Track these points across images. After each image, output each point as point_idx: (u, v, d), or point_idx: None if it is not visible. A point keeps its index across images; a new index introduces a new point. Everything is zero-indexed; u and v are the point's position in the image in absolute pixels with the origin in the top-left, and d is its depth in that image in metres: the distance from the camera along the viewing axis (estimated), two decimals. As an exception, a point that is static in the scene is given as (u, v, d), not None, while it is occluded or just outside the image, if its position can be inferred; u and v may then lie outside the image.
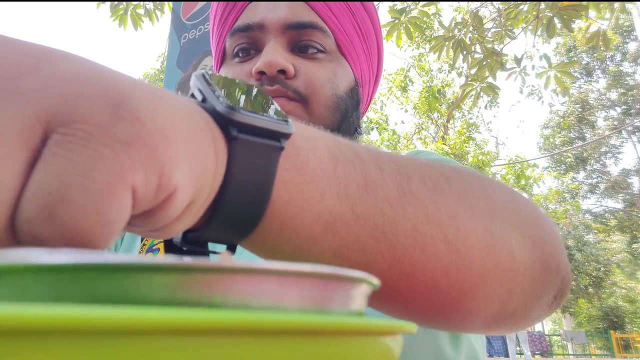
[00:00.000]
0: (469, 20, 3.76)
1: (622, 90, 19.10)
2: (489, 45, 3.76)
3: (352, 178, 0.24)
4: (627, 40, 18.57)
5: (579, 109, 19.21)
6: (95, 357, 0.09)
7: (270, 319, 0.11)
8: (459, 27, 3.75)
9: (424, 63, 13.93)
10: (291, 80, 0.50)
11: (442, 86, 13.69)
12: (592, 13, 3.47)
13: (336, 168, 0.24)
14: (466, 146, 12.54)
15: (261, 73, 0.49)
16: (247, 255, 0.44)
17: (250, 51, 0.53)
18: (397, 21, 3.50)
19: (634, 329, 17.68)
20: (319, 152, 0.24)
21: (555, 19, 3.08)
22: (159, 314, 0.09)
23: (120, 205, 0.15)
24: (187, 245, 0.22)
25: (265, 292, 0.13)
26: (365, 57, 0.57)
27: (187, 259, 0.12)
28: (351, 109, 0.54)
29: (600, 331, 17.88)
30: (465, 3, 5.36)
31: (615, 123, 18.98)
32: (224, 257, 0.16)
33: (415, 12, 3.64)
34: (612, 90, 19.52)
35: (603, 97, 19.56)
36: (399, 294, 0.26)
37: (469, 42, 3.67)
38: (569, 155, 18.91)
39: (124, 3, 3.70)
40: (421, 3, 3.95)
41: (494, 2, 4.51)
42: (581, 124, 19.18)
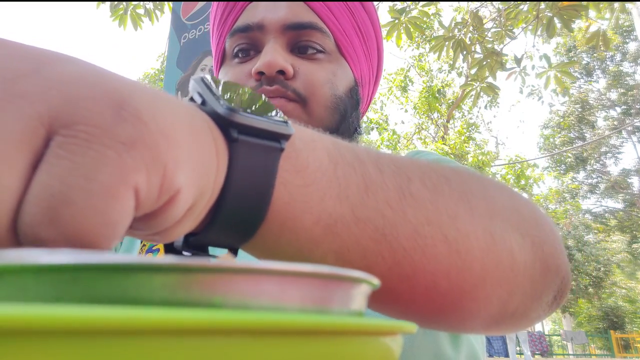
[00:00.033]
0: (469, 20, 3.76)
1: (622, 90, 19.09)
2: (489, 45, 3.76)
3: (352, 180, 0.24)
4: (627, 40, 18.56)
5: (579, 109, 19.21)
6: (95, 357, 0.09)
7: (270, 319, 0.11)
8: (459, 27, 3.75)
9: (424, 63, 13.93)
10: (290, 81, 0.50)
11: (442, 86, 13.69)
12: (592, 13, 3.47)
13: (336, 170, 0.24)
14: (466, 146, 12.54)
15: (260, 73, 0.49)
16: (247, 256, 0.44)
17: (249, 51, 0.53)
18: (397, 21, 3.50)
19: (634, 329, 17.68)
20: (319, 154, 0.24)
21: (555, 19, 3.08)
22: (159, 314, 0.09)
23: (123, 207, 0.15)
24: (189, 249, 0.22)
25: (265, 292, 0.13)
26: (365, 58, 0.57)
27: (187, 259, 0.12)
28: (350, 109, 0.54)
29: (600, 331, 17.87)
30: (465, 3, 5.36)
31: (615, 123, 18.97)
32: (223, 257, 0.16)
33: (415, 12, 3.64)
34: (612, 90, 19.51)
35: (603, 97, 19.56)
36: (400, 296, 0.26)
37: (469, 42, 3.67)
38: (569, 155, 18.91)
39: (124, 3, 3.70)
40: (421, 3, 3.95)
41: (494, 2, 4.51)
42: (581, 124, 19.17)
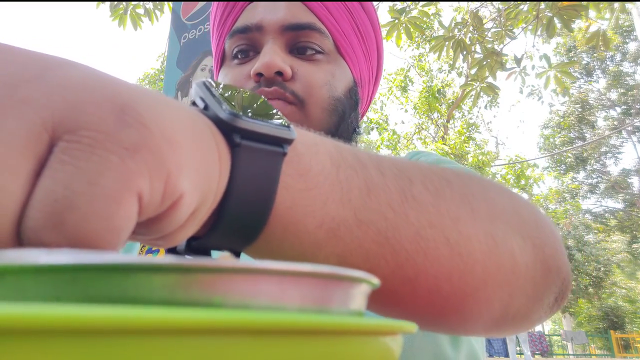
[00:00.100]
0: (469, 20, 3.76)
1: (622, 90, 19.10)
2: (489, 45, 3.76)
3: (355, 183, 0.24)
4: (627, 40, 18.56)
5: (579, 109, 19.21)
6: (95, 357, 0.09)
7: (270, 319, 0.11)
8: (459, 27, 3.75)
9: (424, 63, 13.93)
10: (289, 82, 0.50)
11: (442, 86, 13.69)
12: (592, 13, 3.47)
13: (338, 174, 0.24)
14: (466, 146, 12.54)
15: (259, 75, 0.49)
16: (247, 256, 0.44)
17: (249, 52, 0.53)
18: (397, 21, 3.50)
19: (634, 329, 17.68)
20: (321, 158, 0.24)
21: (555, 19, 3.08)
22: (159, 314, 0.09)
23: (127, 212, 0.15)
24: (191, 253, 0.22)
25: (265, 292, 0.13)
26: (365, 58, 0.57)
27: (187, 259, 0.12)
28: (349, 110, 0.54)
29: (600, 331, 17.87)
30: (465, 3, 5.36)
31: (615, 123, 18.97)
32: (223, 257, 0.16)
33: (415, 12, 3.64)
34: (612, 90, 19.51)
35: (603, 97, 19.56)
36: (402, 298, 0.26)
37: (469, 42, 3.67)
38: (569, 155, 18.91)
39: (124, 3, 3.70)
40: (421, 3, 3.95)
41: (494, 2, 4.51)
42: (581, 124, 19.17)
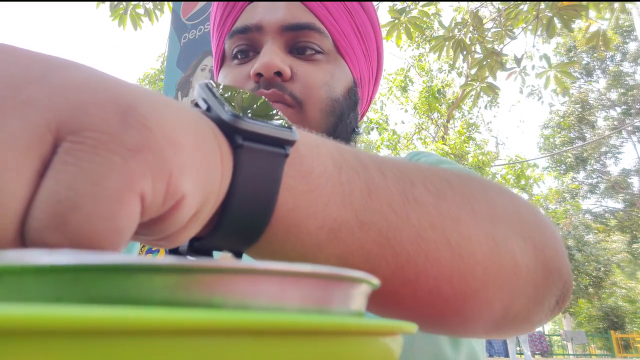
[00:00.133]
0: (469, 20, 3.76)
1: (622, 90, 19.09)
2: (489, 45, 3.75)
3: (356, 185, 0.24)
4: (627, 40, 18.56)
5: (579, 109, 19.21)
6: (96, 357, 0.09)
7: (270, 319, 0.11)
8: (459, 27, 3.75)
9: (424, 63, 13.94)
10: (288, 83, 0.50)
11: (442, 86, 13.69)
12: (592, 13, 3.47)
13: (340, 175, 0.24)
14: (466, 146, 12.54)
15: (259, 75, 0.49)
16: (247, 256, 0.44)
17: (248, 53, 0.53)
18: (397, 21, 3.50)
19: (634, 329, 17.68)
20: (323, 160, 0.24)
21: (555, 19, 3.08)
22: (159, 315, 0.09)
23: (129, 213, 0.15)
24: (193, 253, 0.22)
25: (265, 293, 0.13)
26: (364, 58, 0.57)
27: (187, 259, 0.12)
28: (347, 111, 0.54)
29: (601, 331, 17.87)
30: (465, 3, 5.36)
31: (615, 123, 18.97)
32: (223, 257, 0.16)
33: (415, 12, 3.64)
34: (612, 90, 19.51)
35: (603, 97, 19.56)
36: (402, 300, 0.26)
37: (469, 42, 3.67)
38: (569, 155, 18.91)
39: (124, 3, 3.70)
40: (421, 3, 3.95)
41: (494, 2, 4.51)
42: (581, 124, 19.17)
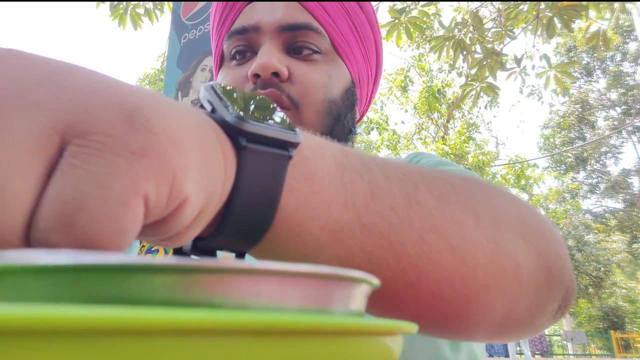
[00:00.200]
0: (469, 20, 3.76)
1: (622, 90, 19.10)
2: (489, 45, 3.75)
3: (359, 187, 0.24)
4: (627, 40, 18.56)
5: (579, 109, 19.21)
6: (96, 357, 0.09)
7: (270, 319, 0.11)
8: (459, 27, 3.75)
9: (424, 63, 13.94)
10: (285, 84, 0.50)
11: (442, 86, 13.69)
12: (592, 13, 3.47)
13: (343, 177, 0.24)
14: (466, 146, 12.54)
15: (256, 76, 0.49)
16: (247, 256, 0.44)
17: (246, 53, 0.53)
18: (397, 21, 3.50)
19: (634, 329, 17.68)
20: (326, 162, 0.24)
21: (555, 19, 3.08)
22: (160, 315, 0.10)
23: (134, 215, 0.15)
24: (197, 253, 0.22)
25: (265, 293, 0.13)
26: (363, 57, 0.57)
27: (188, 259, 0.12)
28: (345, 111, 0.54)
29: (601, 331, 17.87)
30: (465, 3, 5.36)
31: (615, 123, 18.97)
32: (223, 257, 0.16)
33: (415, 12, 3.64)
34: (612, 90, 19.51)
35: (603, 97, 19.56)
36: (404, 302, 0.26)
37: (469, 42, 3.67)
38: (569, 155, 18.91)
39: (124, 3, 3.70)
40: (421, 3, 3.95)
41: (494, 2, 4.51)
42: (581, 124, 19.17)
